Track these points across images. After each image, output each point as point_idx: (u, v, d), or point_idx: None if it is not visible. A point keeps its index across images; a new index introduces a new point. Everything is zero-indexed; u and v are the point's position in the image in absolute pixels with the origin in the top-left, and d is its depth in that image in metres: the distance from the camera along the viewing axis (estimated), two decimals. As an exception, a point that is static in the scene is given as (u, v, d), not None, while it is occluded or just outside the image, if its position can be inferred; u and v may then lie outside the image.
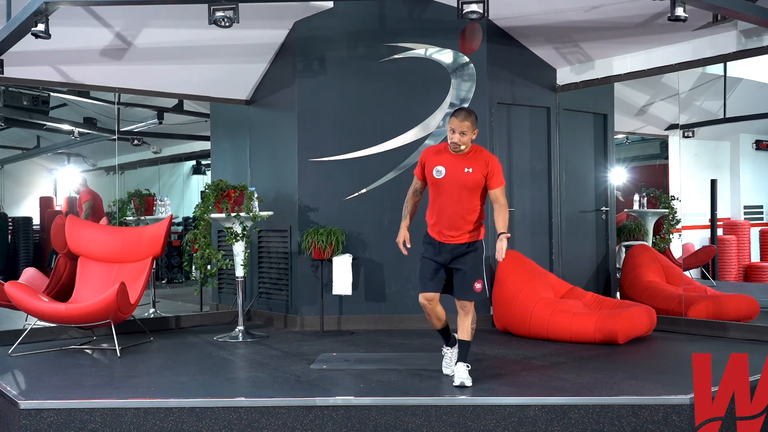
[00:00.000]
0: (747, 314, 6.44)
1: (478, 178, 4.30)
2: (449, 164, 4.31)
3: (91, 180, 9.61)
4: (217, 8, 4.70)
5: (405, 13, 6.69)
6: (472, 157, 4.33)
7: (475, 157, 4.33)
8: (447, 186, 4.32)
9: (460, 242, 4.38)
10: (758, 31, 5.64)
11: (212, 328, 6.80)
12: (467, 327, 4.40)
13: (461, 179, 4.29)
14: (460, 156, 4.32)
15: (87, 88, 7.15)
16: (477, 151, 4.36)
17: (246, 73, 7.18)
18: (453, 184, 4.31)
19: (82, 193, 8.49)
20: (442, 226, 4.38)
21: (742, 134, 8.60)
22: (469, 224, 4.38)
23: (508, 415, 3.86)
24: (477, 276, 4.37)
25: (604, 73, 6.79)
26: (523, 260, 6.37)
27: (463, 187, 4.30)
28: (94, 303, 5.33)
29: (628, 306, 5.98)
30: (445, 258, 4.40)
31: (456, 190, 4.31)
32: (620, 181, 8.24)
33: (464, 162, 4.30)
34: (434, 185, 4.38)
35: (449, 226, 4.36)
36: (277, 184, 6.96)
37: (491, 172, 4.32)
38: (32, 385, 4.54)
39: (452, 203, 4.33)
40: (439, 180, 4.32)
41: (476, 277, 4.37)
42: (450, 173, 4.30)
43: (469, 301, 4.38)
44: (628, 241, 8.01)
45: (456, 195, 4.31)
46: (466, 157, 4.32)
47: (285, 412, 3.90)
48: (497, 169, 4.33)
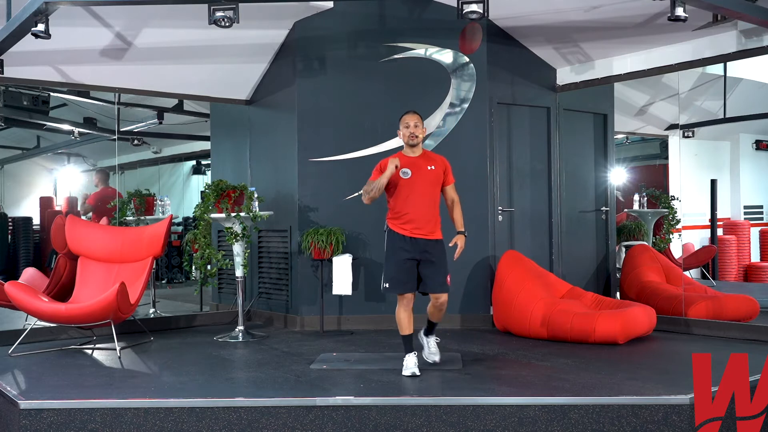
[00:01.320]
0: (747, 314, 6.44)
1: (440, 174, 4.78)
2: (413, 165, 4.72)
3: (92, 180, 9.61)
4: (217, 8, 4.70)
5: (405, 13, 6.69)
6: (429, 156, 4.83)
7: (431, 156, 4.84)
8: (416, 184, 4.70)
9: (432, 238, 4.73)
10: (758, 31, 5.64)
11: (212, 328, 6.80)
12: (440, 316, 4.89)
13: (428, 176, 4.73)
14: (419, 157, 4.77)
15: (87, 88, 7.15)
16: (429, 152, 4.91)
17: (246, 73, 7.18)
18: (422, 182, 4.71)
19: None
20: (417, 223, 4.70)
21: (742, 134, 8.59)
22: (438, 219, 4.78)
23: (508, 415, 3.86)
24: (446, 269, 4.77)
25: (604, 73, 6.79)
26: (523, 260, 6.37)
27: (430, 183, 4.73)
28: (94, 303, 5.33)
29: (628, 306, 5.97)
30: (417, 253, 4.70)
31: (425, 186, 4.72)
32: (620, 181, 8.24)
33: (425, 161, 4.76)
34: (404, 186, 4.71)
35: (424, 221, 4.70)
36: (277, 184, 6.96)
37: (447, 169, 4.84)
38: (32, 385, 4.54)
39: (423, 199, 4.70)
40: (407, 180, 4.70)
41: (446, 270, 4.76)
42: (416, 172, 4.70)
43: (444, 293, 4.73)
44: (628, 241, 8.01)
45: (426, 191, 4.72)
46: (424, 157, 4.79)
47: (285, 412, 3.90)
48: (450, 167, 4.88)
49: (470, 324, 6.56)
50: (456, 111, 6.64)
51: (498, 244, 6.70)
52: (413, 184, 4.69)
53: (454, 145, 6.61)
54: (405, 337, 4.75)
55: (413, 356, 4.68)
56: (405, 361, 4.66)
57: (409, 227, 4.70)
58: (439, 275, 4.70)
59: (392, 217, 4.79)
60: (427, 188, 4.72)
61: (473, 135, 6.64)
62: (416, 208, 4.69)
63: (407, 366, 4.63)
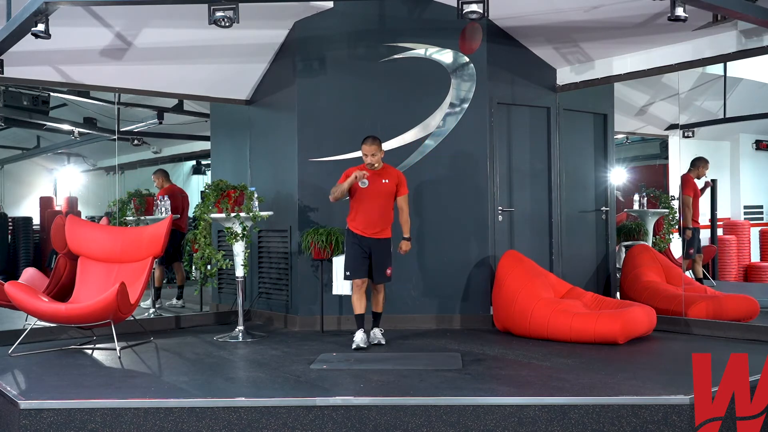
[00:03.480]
0: (747, 314, 6.44)
1: (392, 187, 5.71)
2: (371, 178, 5.68)
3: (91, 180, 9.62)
4: (217, 8, 4.70)
5: (405, 13, 6.69)
6: (387, 171, 5.75)
7: (388, 171, 5.76)
8: (371, 193, 5.66)
9: (380, 237, 5.70)
10: (758, 31, 5.64)
11: (212, 328, 6.81)
12: (380, 302, 5.88)
13: (382, 188, 5.68)
14: (379, 171, 5.71)
15: (87, 88, 7.15)
16: (389, 168, 5.81)
17: (246, 73, 7.18)
18: (376, 192, 5.67)
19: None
20: (367, 224, 5.68)
21: (742, 134, 8.59)
22: (387, 223, 5.74)
23: (508, 415, 3.86)
24: (388, 264, 5.76)
25: (604, 73, 6.79)
26: (523, 260, 6.37)
27: (382, 194, 5.68)
28: (94, 303, 5.33)
29: (628, 306, 5.97)
30: (366, 249, 5.68)
31: (378, 196, 5.67)
32: (620, 181, 8.24)
33: (381, 175, 5.70)
34: (360, 193, 5.67)
35: (373, 224, 5.68)
36: (277, 184, 6.96)
37: (400, 183, 5.75)
38: (32, 385, 4.54)
39: (375, 206, 5.67)
40: (364, 189, 5.67)
41: (388, 264, 5.76)
42: (372, 184, 5.67)
43: (383, 283, 5.80)
44: (628, 241, 8.01)
45: (378, 200, 5.67)
46: (382, 172, 5.72)
47: (285, 412, 3.90)
48: (404, 181, 5.78)
49: (470, 324, 6.57)
50: (456, 111, 6.64)
51: (498, 244, 6.70)
52: (368, 192, 5.66)
53: (454, 145, 6.61)
54: (357, 316, 5.76)
55: (361, 332, 5.66)
56: (355, 336, 5.64)
57: (361, 227, 5.69)
58: (382, 267, 5.71)
59: (350, 217, 5.76)
60: (380, 197, 5.66)
61: (473, 135, 6.64)
62: (368, 212, 5.66)
63: (355, 340, 5.61)
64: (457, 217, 6.63)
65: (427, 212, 6.62)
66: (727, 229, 8.57)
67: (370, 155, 5.63)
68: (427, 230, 6.62)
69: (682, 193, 7.63)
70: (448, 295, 6.61)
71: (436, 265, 6.62)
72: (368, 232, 5.68)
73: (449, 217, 6.63)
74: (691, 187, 7.65)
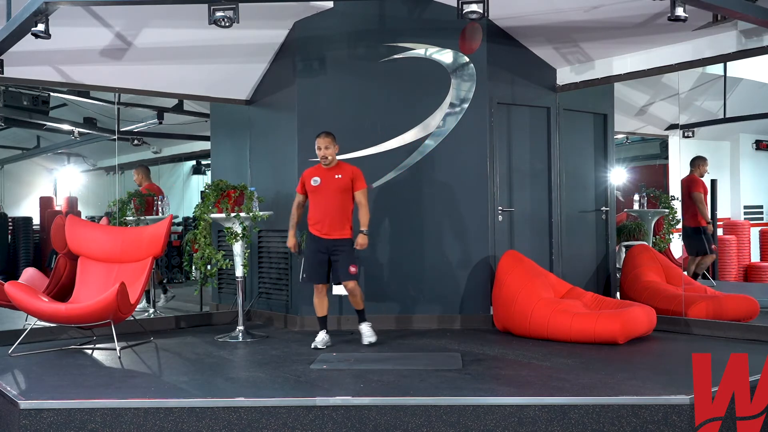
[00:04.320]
0: (747, 314, 6.44)
1: (347, 182, 5.60)
2: (323, 175, 5.65)
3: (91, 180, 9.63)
4: (217, 8, 4.70)
5: (405, 13, 6.69)
6: (340, 167, 5.67)
7: (342, 168, 5.68)
8: (325, 191, 5.60)
9: (338, 237, 5.60)
10: (758, 31, 5.63)
11: (212, 328, 6.81)
12: (358, 301, 5.73)
13: (334, 184, 5.59)
14: (331, 168, 5.65)
15: (87, 88, 7.15)
16: (343, 164, 5.74)
17: (246, 73, 7.18)
18: (328, 189, 5.59)
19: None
20: (325, 224, 5.60)
21: (742, 134, 8.59)
22: (346, 221, 5.63)
23: (508, 415, 3.86)
24: (351, 261, 5.60)
25: (604, 73, 6.78)
26: (523, 260, 6.37)
27: (336, 189, 5.58)
28: (94, 303, 5.33)
29: (628, 306, 5.97)
30: (327, 250, 5.61)
31: (331, 193, 5.59)
32: (620, 181, 8.24)
33: (334, 171, 5.64)
34: (314, 192, 5.65)
35: (331, 224, 5.59)
36: (277, 184, 6.96)
37: (356, 177, 5.64)
38: (32, 385, 4.54)
39: (330, 204, 5.58)
40: (316, 187, 5.63)
41: (351, 262, 5.59)
42: (324, 181, 5.61)
43: (349, 280, 5.59)
44: (628, 241, 8.01)
45: (331, 197, 5.58)
46: (335, 168, 5.65)
47: (285, 412, 3.90)
48: (360, 175, 5.67)
49: (470, 324, 6.56)
50: (456, 111, 6.64)
51: (498, 244, 6.70)
52: (322, 189, 5.60)
53: (454, 145, 6.61)
54: (319, 318, 5.77)
55: (323, 333, 5.68)
56: (316, 337, 5.67)
57: (319, 228, 5.63)
58: (345, 266, 5.57)
59: (308, 218, 5.72)
60: (335, 193, 5.58)
61: (473, 135, 6.64)
62: (325, 212, 5.60)
63: (316, 340, 5.64)
64: (457, 217, 6.63)
65: (427, 212, 6.62)
66: (727, 229, 8.57)
67: (323, 148, 5.59)
68: (428, 230, 6.62)
69: (691, 191, 7.65)
70: (448, 295, 6.61)
71: (436, 265, 6.61)
72: (326, 231, 5.60)
73: (449, 217, 6.63)
74: (700, 184, 7.69)
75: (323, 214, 5.59)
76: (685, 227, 7.84)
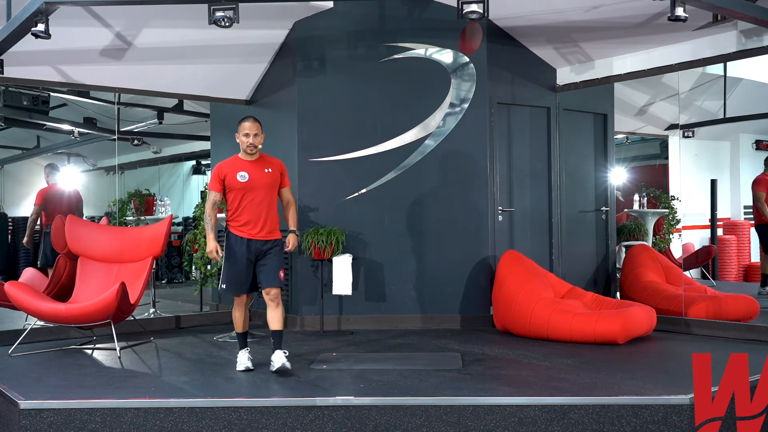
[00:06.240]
0: (747, 314, 6.43)
1: (277, 177, 4.94)
2: (251, 169, 4.86)
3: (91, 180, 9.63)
4: (217, 8, 4.70)
5: (405, 13, 6.69)
6: (266, 160, 4.96)
7: (268, 160, 4.97)
8: (254, 187, 4.84)
9: (270, 239, 4.88)
10: (758, 31, 5.64)
11: (212, 328, 6.80)
12: (279, 318, 4.86)
13: (265, 179, 4.87)
14: (256, 161, 4.91)
15: (87, 88, 7.15)
16: (266, 156, 5.01)
17: (246, 73, 7.18)
18: (259, 185, 4.85)
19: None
20: (254, 225, 4.84)
21: (742, 134, 8.59)
22: (276, 221, 4.93)
23: (508, 415, 3.86)
24: (281, 266, 4.89)
25: (604, 73, 6.79)
26: (523, 260, 6.37)
27: (267, 185, 4.88)
28: (94, 303, 5.33)
29: (628, 306, 5.98)
30: (254, 253, 4.86)
31: (262, 189, 4.86)
32: (620, 181, 8.24)
33: (262, 165, 4.91)
34: (240, 189, 4.84)
35: (261, 222, 4.85)
36: (277, 184, 6.95)
37: (283, 173, 5.00)
38: (32, 385, 4.53)
39: (260, 202, 4.85)
40: (245, 183, 4.82)
41: (280, 267, 4.89)
42: (254, 176, 4.84)
43: (275, 287, 4.84)
44: (628, 241, 8.01)
45: (263, 194, 4.86)
46: (261, 161, 4.92)
47: (285, 412, 3.90)
48: (286, 171, 5.04)
49: (470, 324, 6.57)
50: (456, 111, 6.64)
51: (498, 244, 6.70)
52: (252, 185, 4.84)
53: (454, 145, 6.61)
54: (239, 335, 5.02)
55: (245, 352, 4.92)
56: (238, 357, 4.92)
57: (247, 229, 4.85)
58: (271, 272, 4.84)
59: (231, 220, 4.91)
60: (266, 189, 4.87)
61: (473, 135, 6.64)
62: (258, 211, 4.85)
63: (240, 361, 4.89)
64: (457, 217, 6.63)
65: (427, 212, 6.62)
66: (727, 229, 8.57)
67: (252, 135, 4.84)
68: (427, 230, 6.62)
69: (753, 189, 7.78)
70: (448, 295, 6.61)
71: (436, 264, 6.62)
72: (255, 232, 4.83)
73: (449, 217, 6.63)
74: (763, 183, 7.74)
75: (255, 213, 4.82)
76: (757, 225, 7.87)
